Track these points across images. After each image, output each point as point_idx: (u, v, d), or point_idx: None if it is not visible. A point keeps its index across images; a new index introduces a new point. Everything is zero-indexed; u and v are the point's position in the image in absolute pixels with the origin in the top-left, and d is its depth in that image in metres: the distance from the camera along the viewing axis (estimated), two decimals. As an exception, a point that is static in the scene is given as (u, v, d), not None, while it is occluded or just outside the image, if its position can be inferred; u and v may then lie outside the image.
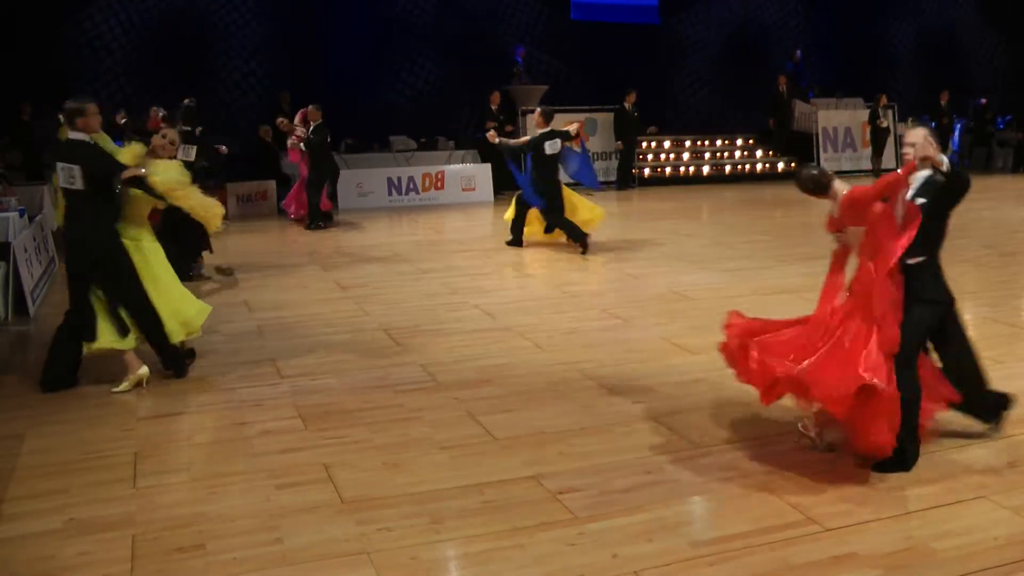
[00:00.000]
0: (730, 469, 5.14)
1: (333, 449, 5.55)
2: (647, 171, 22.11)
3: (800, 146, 23.24)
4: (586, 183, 13.49)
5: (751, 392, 6.36)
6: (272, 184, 17.59)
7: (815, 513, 4.55)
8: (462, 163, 19.56)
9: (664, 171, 22.47)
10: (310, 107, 15.10)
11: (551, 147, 12.31)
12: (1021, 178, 22.34)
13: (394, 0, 21.74)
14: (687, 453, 5.39)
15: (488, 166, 19.10)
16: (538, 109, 13.03)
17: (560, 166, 12.66)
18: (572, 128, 12.60)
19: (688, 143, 23.43)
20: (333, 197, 16.77)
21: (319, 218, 15.21)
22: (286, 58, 20.53)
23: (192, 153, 10.35)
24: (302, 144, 14.96)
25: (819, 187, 5.45)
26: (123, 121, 16.60)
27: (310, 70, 20.08)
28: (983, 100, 24.21)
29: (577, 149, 12.85)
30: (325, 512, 4.67)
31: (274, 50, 20.69)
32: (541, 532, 4.42)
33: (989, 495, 4.74)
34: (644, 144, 22.43)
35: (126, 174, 6.51)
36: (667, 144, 23.03)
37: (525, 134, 19.85)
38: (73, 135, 6.48)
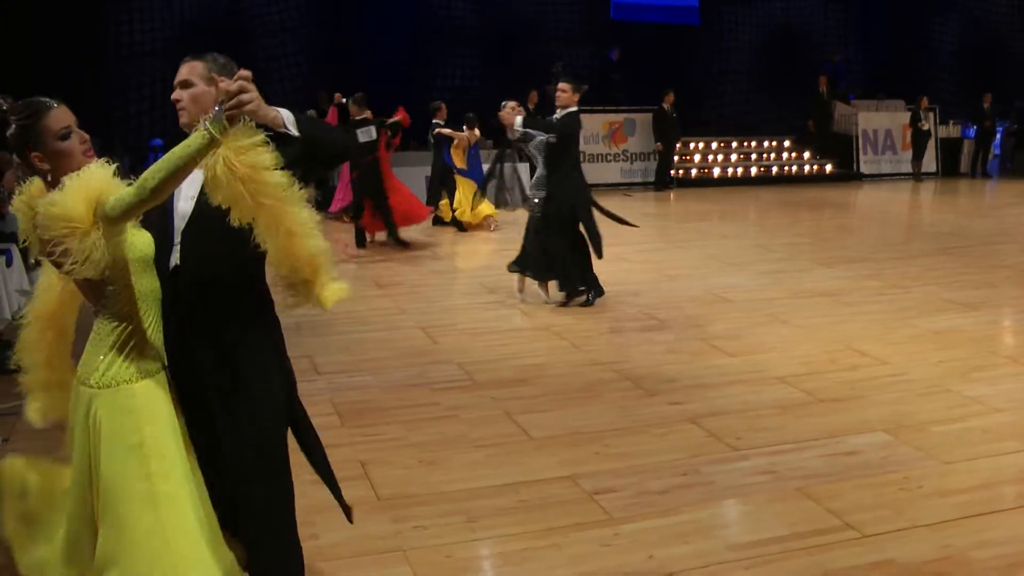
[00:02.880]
0: (767, 473, 5.12)
1: (369, 446, 5.58)
2: (681, 172, 22.02)
3: (840, 148, 23.09)
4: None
5: (789, 396, 6.37)
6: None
7: (853, 519, 4.52)
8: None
9: (702, 172, 22.38)
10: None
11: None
12: (1063, 182, 22.06)
13: (433, 0, 21.81)
14: (724, 456, 5.37)
15: (526, 166, 19.09)
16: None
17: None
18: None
19: (725, 144, 23.30)
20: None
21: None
22: (324, 57, 20.64)
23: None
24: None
25: None
26: None
27: (349, 70, 20.15)
28: None
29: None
30: (361, 509, 4.68)
31: (313, 49, 20.81)
32: (576, 532, 4.43)
33: (1029, 504, 4.70)
34: (680, 145, 22.38)
35: None
36: (702, 146, 22.93)
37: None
38: None
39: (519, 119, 8.97)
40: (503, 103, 9.16)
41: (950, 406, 6.20)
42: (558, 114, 8.96)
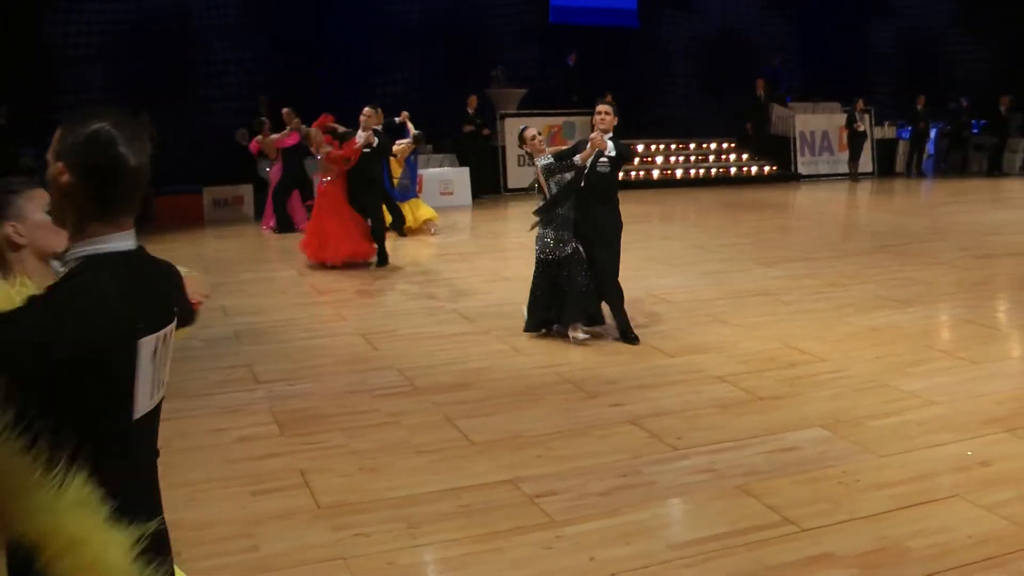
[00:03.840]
0: (707, 471, 5.15)
1: (310, 454, 5.53)
2: (621, 174, 22.05)
3: (778, 150, 23.33)
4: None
5: (729, 395, 6.42)
6: (249, 188, 17.53)
7: (791, 514, 4.56)
8: (440, 167, 19.54)
9: (641, 174, 22.49)
10: (285, 110, 15.04)
11: None
12: (996, 182, 22.48)
13: (376, 3, 21.71)
14: (665, 456, 5.40)
15: (466, 170, 19.10)
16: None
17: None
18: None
19: (665, 147, 23.41)
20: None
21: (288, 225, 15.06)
22: (266, 62, 20.45)
23: None
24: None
25: None
26: None
27: (289, 72, 20.00)
28: (964, 101, 24.37)
29: None
30: (302, 518, 4.66)
31: (254, 54, 20.60)
32: (518, 536, 4.42)
33: (962, 494, 4.77)
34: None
35: None
36: (642, 148, 23.02)
37: (503, 137, 19.97)
38: None
39: (610, 143, 7.83)
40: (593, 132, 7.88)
41: (886, 401, 6.29)
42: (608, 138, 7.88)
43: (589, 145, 7.74)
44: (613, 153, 7.84)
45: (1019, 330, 8.48)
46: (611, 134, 7.88)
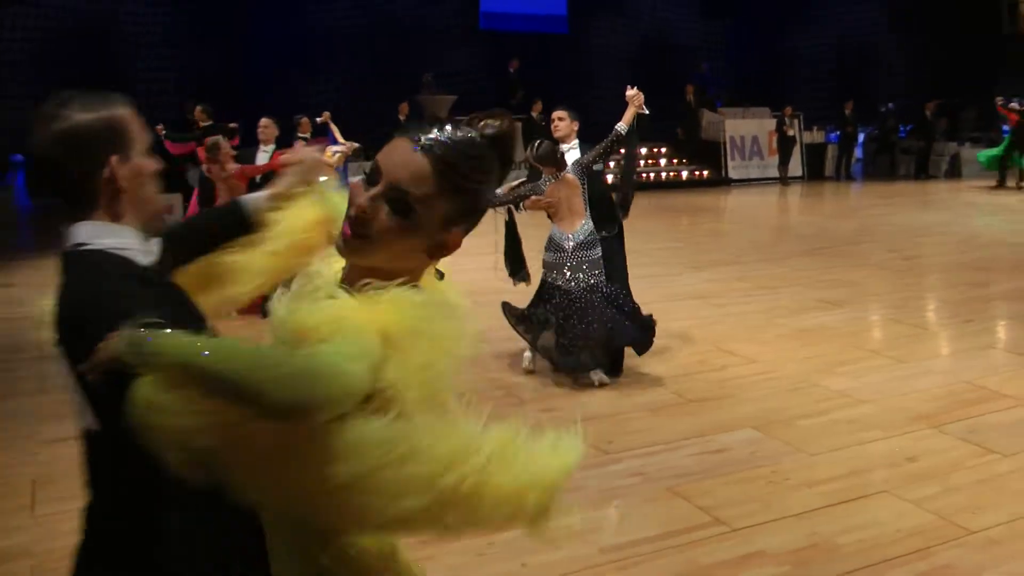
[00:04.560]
0: (638, 475, 5.14)
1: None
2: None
3: (709, 154, 23.55)
4: None
5: (659, 398, 6.43)
6: (179, 198, 17.19)
7: (722, 514, 4.57)
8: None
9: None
10: (198, 108, 14.42)
11: None
12: (923, 184, 22.92)
13: (305, 8, 21.57)
14: (595, 460, 5.37)
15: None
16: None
17: None
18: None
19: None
20: None
21: None
22: (194, 66, 20.22)
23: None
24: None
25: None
26: None
27: (218, 78, 19.78)
28: (891, 104, 24.84)
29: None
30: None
31: (182, 58, 20.37)
32: (449, 544, 4.36)
33: (891, 489, 4.82)
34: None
35: None
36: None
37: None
38: None
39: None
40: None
41: (816, 400, 6.34)
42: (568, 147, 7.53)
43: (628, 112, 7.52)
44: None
45: (946, 329, 8.61)
46: (574, 142, 7.57)
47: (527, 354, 7.23)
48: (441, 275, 2.07)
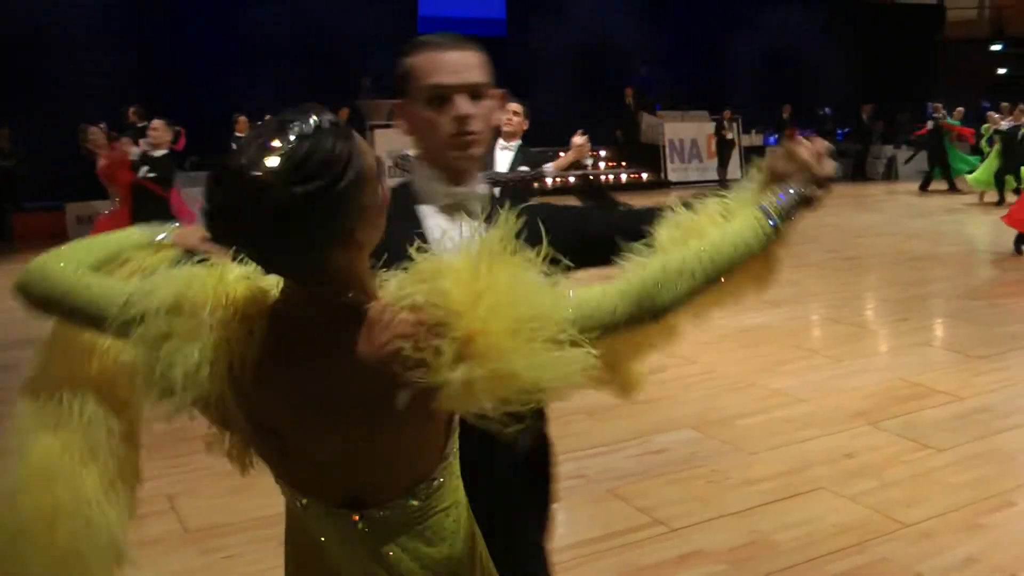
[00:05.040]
0: (578, 477, 5.12)
1: (176, 477, 5.31)
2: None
3: (648, 157, 23.65)
4: None
5: (598, 400, 6.38)
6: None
7: (662, 515, 4.56)
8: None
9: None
10: (132, 108, 14.18)
11: None
12: (860, 186, 23.22)
13: (243, 11, 21.34)
14: (536, 462, 5.35)
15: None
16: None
17: None
18: None
19: (539, 154, 23.47)
20: None
21: None
22: (129, 70, 19.89)
23: None
24: None
25: None
26: None
27: (154, 83, 19.46)
28: (828, 108, 25.15)
29: None
30: (168, 544, 4.47)
31: (117, 62, 20.03)
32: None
33: (828, 486, 4.85)
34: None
35: None
36: (515, 157, 23.10)
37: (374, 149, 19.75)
38: None
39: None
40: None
41: (755, 399, 6.37)
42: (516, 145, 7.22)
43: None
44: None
45: (883, 327, 8.72)
46: (517, 143, 7.23)
47: None
48: None
